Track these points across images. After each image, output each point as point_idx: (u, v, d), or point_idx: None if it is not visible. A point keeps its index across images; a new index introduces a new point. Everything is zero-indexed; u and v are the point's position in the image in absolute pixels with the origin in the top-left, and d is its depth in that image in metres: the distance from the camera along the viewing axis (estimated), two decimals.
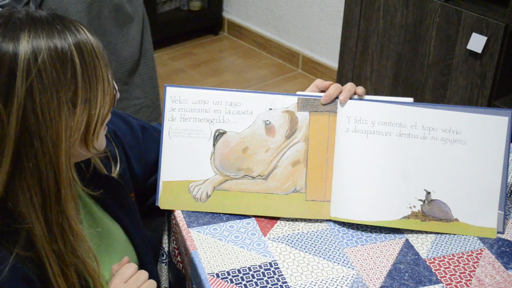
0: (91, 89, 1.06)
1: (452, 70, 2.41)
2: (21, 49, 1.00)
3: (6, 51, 1.00)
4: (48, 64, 1.01)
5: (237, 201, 1.30)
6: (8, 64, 0.99)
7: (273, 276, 1.17)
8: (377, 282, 1.17)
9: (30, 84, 0.99)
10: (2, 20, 1.03)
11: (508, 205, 1.36)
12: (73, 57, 1.03)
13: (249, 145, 1.30)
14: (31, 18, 1.03)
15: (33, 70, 1.00)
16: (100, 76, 1.07)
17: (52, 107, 1.01)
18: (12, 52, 0.99)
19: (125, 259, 1.21)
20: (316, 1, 3.38)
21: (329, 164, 1.30)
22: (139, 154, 1.36)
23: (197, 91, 1.31)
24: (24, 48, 1.00)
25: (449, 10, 2.34)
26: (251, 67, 3.63)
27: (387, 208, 1.28)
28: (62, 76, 1.02)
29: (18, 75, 0.99)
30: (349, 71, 2.77)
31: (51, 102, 1.01)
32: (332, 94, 1.29)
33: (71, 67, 1.03)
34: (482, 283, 1.18)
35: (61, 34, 1.03)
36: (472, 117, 1.28)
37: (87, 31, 1.08)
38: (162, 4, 3.74)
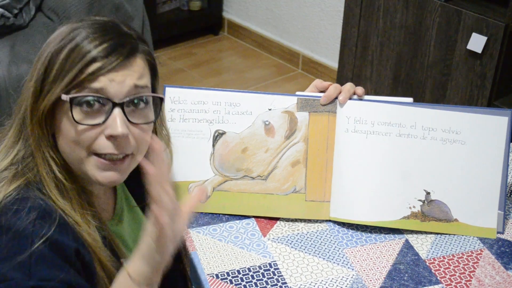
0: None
1: (452, 70, 2.40)
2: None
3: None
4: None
5: (236, 201, 1.30)
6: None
7: (273, 277, 1.17)
8: (376, 283, 1.17)
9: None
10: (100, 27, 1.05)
11: (508, 205, 1.36)
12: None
13: (248, 146, 1.30)
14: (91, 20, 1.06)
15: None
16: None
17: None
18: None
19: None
20: (316, 1, 3.38)
21: (329, 164, 1.30)
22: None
23: (196, 92, 1.31)
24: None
25: (449, 10, 2.34)
26: (251, 67, 3.63)
27: (387, 208, 1.28)
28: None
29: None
30: (349, 71, 2.77)
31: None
32: (332, 95, 1.29)
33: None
34: (482, 284, 1.18)
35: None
36: (472, 117, 1.28)
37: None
38: (162, 4, 3.74)
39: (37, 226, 0.96)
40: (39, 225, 0.96)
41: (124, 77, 1.01)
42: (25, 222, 0.95)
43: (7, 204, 0.98)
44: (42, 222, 0.97)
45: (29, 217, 0.96)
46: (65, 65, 1.00)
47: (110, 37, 1.01)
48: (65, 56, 1.00)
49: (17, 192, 1.00)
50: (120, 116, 1.00)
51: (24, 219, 0.96)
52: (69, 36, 1.01)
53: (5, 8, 2.27)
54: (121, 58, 1.00)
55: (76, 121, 1.00)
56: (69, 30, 1.03)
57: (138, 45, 1.04)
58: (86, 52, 0.99)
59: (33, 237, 0.94)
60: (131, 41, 1.03)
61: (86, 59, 0.99)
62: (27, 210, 0.97)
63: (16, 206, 0.98)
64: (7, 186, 1.01)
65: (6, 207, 0.98)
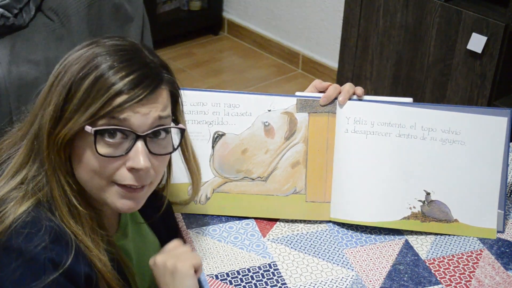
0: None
1: (452, 70, 2.40)
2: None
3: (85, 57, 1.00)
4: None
5: (236, 203, 1.30)
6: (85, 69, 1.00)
7: (272, 278, 1.17)
8: (376, 283, 1.17)
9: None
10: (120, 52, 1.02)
11: (508, 205, 1.36)
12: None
13: (248, 147, 1.30)
14: (112, 41, 1.04)
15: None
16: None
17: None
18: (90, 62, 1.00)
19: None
20: (316, 1, 3.38)
21: (329, 165, 1.30)
22: None
23: (195, 93, 1.31)
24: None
25: (449, 10, 2.34)
26: (251, 67, 3.63)
27: (387, 208, 1.28)
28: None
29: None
30: (349, 71, 2.77)
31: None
32: (331, 95, 1.29)
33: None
34: (481, 284, 1.18)
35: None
36: (471, 117, 1.28)
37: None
38: (162, 4, 3.74)
39: (50, 252, 0.95)
40: (51, 250, 0.96)
41: (149, 109, 1.00)
42: (37, 247, 0.95)
43: (18, 228, 0.97)
44: (55, 247, 0.96)
45: (41, 241, 0.95)
46: (89, 95, 0.97)
47: (135, 68, 0.99)
48: (89, 85, 0.98)
49: (27, 214, 0.98)
50: (143, 149, 1.00)
51: (36, 243, 0.95)
52: (92, 62, 0.99)
53: (5, 8, 2.27)
54: (147, 91, 0.99)
55: (100, 154, 0.99)
56: (91, 55, 1.00)
57: (163, 75, 1.03)
58: (112, 84, 0.97)
59: (46, 264, 0.94)
60: (156, 71, 1.02)
61: (112, 92, 0.97)
62: (39, 233, 0.96)
63: (27, 230, 0.96)
64: (17, 207, 0.99)
65: (17, 231, 0.96)
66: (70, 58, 1.02)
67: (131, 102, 0.98)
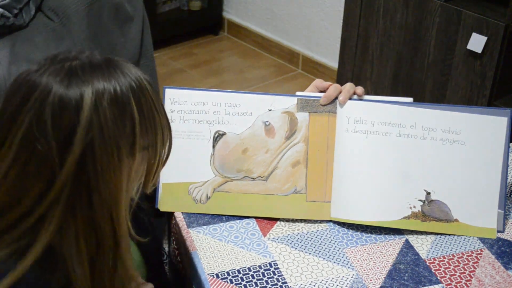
0: (150, 139, 1.02)
1: (452, 70, 2.41)
2: (84, 106, 0.95)
3: (69, 102, 0.95)
4: (109, 119, 0.96)
5: (237, 202, 1.30)
6: (69, 118, 0.95)
7: (273, 277, 1.17)
8: (377, 283, 1.17)
9: (90, 140, 0.95)
10: (64, 70, 0.98)
11: (508, 205, 1.36)
12: (132, 110, 0.98)
13: (248, 146, 1.30)
14: (93, 67, 0.99)
15: (94, 128, 0.95)
16: (159, 125, 1.03)
17: (112, 162, 0.97)
18: (75, 107, 0.95)
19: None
20: (316, 1, 3.38)
21: (329, 164, 1.30)
22: None
23: (196, 93, 1.31)
24: (87, 106, 0.95)
25: (449, 10, 2.34)
26: (251, 67, 3.63)
27: (387, 208, 1.28)
28: (122, 129, 0.97)
29: (78, 132, 0.94)
30: (349, 71, 2.77)
31: (111, 158, 0.96)
32: (331, 95, 1.29)
33: (130, 120, 0.98)
34: (482, 283, 1.18)
35: (121, 85, 0.98)
36: (471, 117, 1.28)
37: (144, 78, 1.03)
38: (162, 4, 3.74)
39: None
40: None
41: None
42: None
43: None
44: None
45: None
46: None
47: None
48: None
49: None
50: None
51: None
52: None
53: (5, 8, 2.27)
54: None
55: None
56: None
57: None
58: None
59: None
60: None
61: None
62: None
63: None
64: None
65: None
66: (83, 121, 0.97)
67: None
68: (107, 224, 0.99)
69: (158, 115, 1.03)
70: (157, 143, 1.03)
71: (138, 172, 1.03)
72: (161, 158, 1.05)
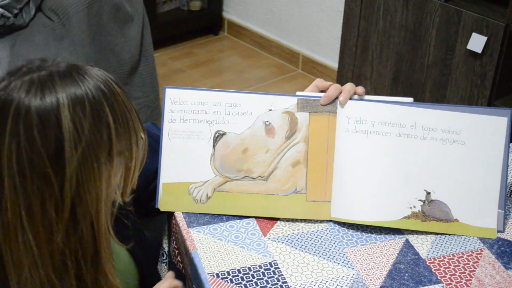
0: (125, 143, 1.02)
1: (452, 70, 2.41)
2: (63, 119, 0.95)
3: (48, 123, 0.94)
4: (86, 129, 0.96)
5: (237, 202, 1.30)
6: (54, 137, 0.95)
7: (273, 276, 1.18)
8: (377, 282, 1.17)
9: (81, 152, 0.95)
10: (35, 84, 0.96)
11: (508, 205, 1.36)
12: (107, 117, 0.98)
13: (249, 146, 1.31)
14: (60, 76, 0.97)
15: (82, 139, 0.95)
16: (132, 128, 1.03)
17: (93, 172, 0.97)
18: (56, 125, 0.94)
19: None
20: (316, 1, 3.38)
21: (329, 164, 1.30)
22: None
23: (196, 93, 1.31)
24: (66, 118, 0.94)
25: (449, 10, 2.35)
26: (251, 67, 3.63)
27: (387, 208, 1.28)
28: (99, 140, 0.98)
29: (66, 147, 0.95)
30: (349, 71, 2.77)
31: (91, 169, 0.97)
32: (332, 95, 1.29)
33: (106, 127, 0.98)
34: (482, 283, 1.18)
35: (94, 92, 0.98)
36: (472, 117, 1.28)
37: (114, 81, 1.03)
38: (162, 4, 3.74)
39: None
40: None
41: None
42: None
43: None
44: None
45: None
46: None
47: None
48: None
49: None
50: None
51: None
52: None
53: (5, 8, 2.27)
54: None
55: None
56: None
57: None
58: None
59: None
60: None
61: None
62: None
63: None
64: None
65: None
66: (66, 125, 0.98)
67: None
68: (88, 233, 1.00)
69: (131, 117, 1.03)
70: (132, 145, 1.03)
71: (117, 177, 1.03)
72: (137, 161, 1.06)
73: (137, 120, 1.05)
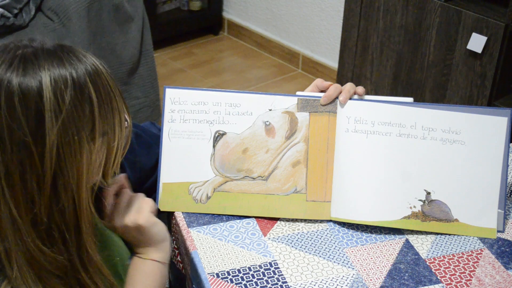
0: (108, 123, 1.04)
1: (452, 70, 2.41)
2: (44, 89, 0.97)
3: (29, 92, 0.97)
4: (68, 103, 0.98)
5: (237, 202, 1.30)
6: (35, 105, 0.97)
7: (273, 276, 1.18)
8: (377, 282, 1.17)
9: (62, 123, 0.98)
10: (18, 58, 0.99)
11: (508, 205, 1.36)
12: (90, 93, 1.01)
13: (249, 146, 1.31)
14: (46, 52, 1.01)
15: (62, 110, 0.98)
16: (116, 108, 1.05)
17: (73, 146, 0.99)
18: (37, 94, 0.97)
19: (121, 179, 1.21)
20: (316, 1, 3.38)
21: (329, 164, 1.30)
22: (133, 161, 1.35)
23: (196, 93, 1.31)
24: (48, 88, 0.97)
25: (449, 10, 2.35)
26: (251, 67, 3.63)
27: (387, 208, 1.28)
28: (81, 114, 1.00)
29: (47, 116, 0.97)
30: (349, 71, 2.77)
31: (72, 142, 0.99)
32: (332, 95, 1.30)
33: (89, 103, 1.01)
34: (482, 283, 1.18)
35: (77, 69, 1.01)
36: (472, 117, 1.28)
37: (98, 61, 1.05)
38: (162, 4, 3.74)
39: None
40: None
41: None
42: None
43: None
44: None
45: None
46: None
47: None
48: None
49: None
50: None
51: None
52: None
53: (5, 8, 2.27)
54: None
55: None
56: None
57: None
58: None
59: None
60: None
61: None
62: None
63: None
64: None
65: None
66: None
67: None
68: (70, 207, 1.03)
69: (115, 98, 1.05)
70: (115, 126, 1.05)
71: (98, 157, 1.05)
72: (120, 143, 1.07)
73: (121, 101, 1.07)
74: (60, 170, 1.00)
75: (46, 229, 1.02)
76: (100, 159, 1.05)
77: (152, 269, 1.19)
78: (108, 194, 1.17)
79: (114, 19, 2.44)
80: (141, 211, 1.17)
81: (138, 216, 1.16)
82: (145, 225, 1.16)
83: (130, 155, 1.34)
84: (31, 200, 1.00)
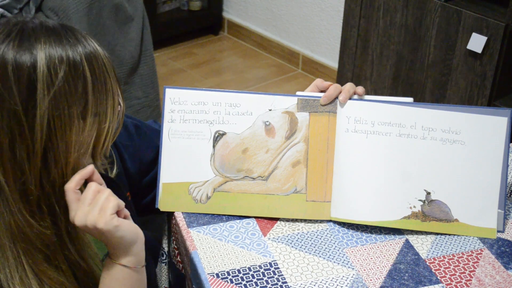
0: (101, 104, 1.05)
1: (452, 70, 2.41)
2: (39, 61, 0.99)
3: (23, 62, 0.99)
4: (61, 77, 1.00)
5: (237, 202, 1.30)
6: (27, 76, 0.99)
7: (273, 276, 1.18)
8: (377, 282, 1.17)
9: (53, 96, 0.99)
10: (16, 30, 1.01)
11: (508, 205, 1.36)
12: (84, 71, 1.02)
13: (249, 146, 1.31)
14: (45, 28, 1.02)
15: (55, 83, 0.99)
16: (110, 90, 1.06)
17: (64, 120, 1.01)
18: (31, 65, 0.99)
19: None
20: (316, 1, 3.38)
21: (329, 164, 1.30)
22: (133, 152, 1.35)
23: (196, 93, 1.31)
24: (42, 61, 0.99)
25: (449, 10, 2.35)
26: (251, 67, 3.63)
27: (387, 208, 1.28)
28: (73, 90, 1.01)
29: (39, 88, 0.99)
30: (349, 71, 2.77)
31: (63, 116, 1.01)
32: (332, 95, 1.30)
33: (83, 81, 1.02)
34: (482, 283, 1.18)
35: (74, 47, 1.02)
36: (472, 117, 1.28)
37: (97, 44, 1.06)
38: (162, 4, 3.74)
39: None
40: None
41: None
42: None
43: None
44: None
45: None
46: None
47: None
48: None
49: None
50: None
51: None
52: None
53: (5, 8, 2.27)
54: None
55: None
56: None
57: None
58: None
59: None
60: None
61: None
62: None
63: None
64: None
65: None
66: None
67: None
68: (60, 181, 1.04)
69: (110, 79, 1.06)
70: (107, 108, 1.06)
71: (89, 136, 1.05)
72: (111, 126, 1.08)
73: (116, 84, 1.08)
74: (50, 143, 1.01)
75: (36, 200, 1.03)
76: (90, 138, 1.06)
77: (122, 275, 1.10)
78: (68, 189, 1.05)
79: (114, 19, 2.44)
80: (102, 212, 1.05)
81: (98, 218, 1.04)
82: (105, 229, 1.04)
83: (131, 147, 1.34)
84: (20, 170, 1.01)
